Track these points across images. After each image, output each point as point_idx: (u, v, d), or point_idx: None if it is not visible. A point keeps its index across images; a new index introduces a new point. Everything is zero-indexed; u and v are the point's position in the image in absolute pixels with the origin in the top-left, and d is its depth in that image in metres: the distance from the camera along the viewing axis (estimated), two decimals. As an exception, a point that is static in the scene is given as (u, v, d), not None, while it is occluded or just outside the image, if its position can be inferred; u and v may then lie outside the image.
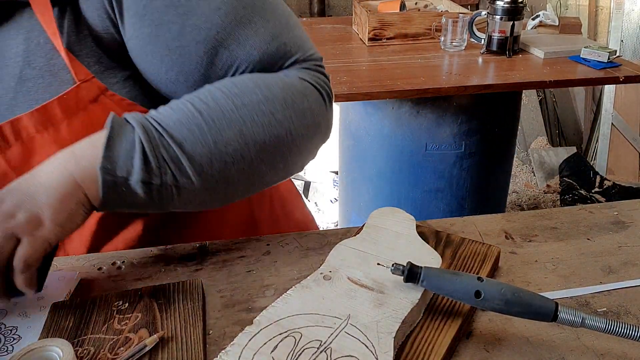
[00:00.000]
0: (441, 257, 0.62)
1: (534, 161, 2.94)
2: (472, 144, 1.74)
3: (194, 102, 0.56)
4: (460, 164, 1.77)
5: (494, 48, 1.76)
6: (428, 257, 0.61)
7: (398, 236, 0.65)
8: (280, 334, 0.51)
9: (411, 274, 0.55)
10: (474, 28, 1.83)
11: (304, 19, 2.57)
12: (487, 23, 1.76)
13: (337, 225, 2.49)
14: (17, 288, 0.54)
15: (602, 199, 2.57)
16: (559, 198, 2.71)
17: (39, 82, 0.58)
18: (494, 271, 0.65)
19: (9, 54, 0.58)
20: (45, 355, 0.50)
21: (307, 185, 2.81)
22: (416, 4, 2.06)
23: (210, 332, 0.57)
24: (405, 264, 0.55)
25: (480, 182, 1.83)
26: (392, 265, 0.55)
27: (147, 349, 0.52)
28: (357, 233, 0.67)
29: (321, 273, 0.60)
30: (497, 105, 1.75)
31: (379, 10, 1.96)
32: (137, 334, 0.55)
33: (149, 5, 0.56)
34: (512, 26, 1.70)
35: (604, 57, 1.64)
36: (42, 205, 0.51)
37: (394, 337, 0.51)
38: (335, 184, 2.74)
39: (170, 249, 0.71)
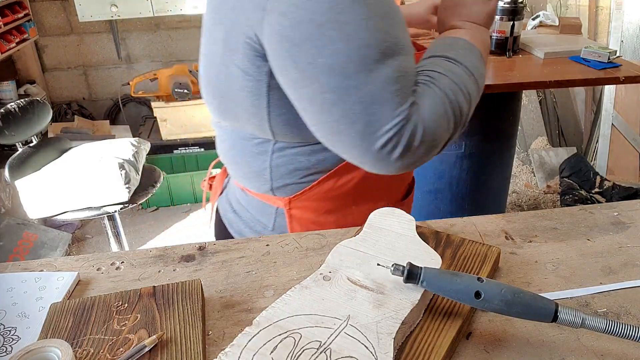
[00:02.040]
0: (441, 257, 0.62)
1: (534, 161, 2.94)
2: (472, 144, 1.74)
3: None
4: (460, 165, 1.77)
5: (494, 48, 1.76)
6: (428, 258, 0.61)
7: (398, 237, 0.65)
8: (279, 335, 0.51)
9: (411, 274, 0.54)
10: (474, 28, 1.82)
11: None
12: (487, 23, 1.75)
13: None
14: None
15: (602, 200, 2.57)
16: (559, 198, 2.71)
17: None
18: (494, 272, 0.65)
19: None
20: (44, 356, 0.50)
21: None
22: (416, 4, 2.05)
23: (210, 332, 0.57)
24: (405, 265, 0.55)
25: (480, 182, 1.83)
26: (392, 265, 0.55)
27: (147, 349, 0.52)
28: (357, 233, 0.67)
29: (321, 274, 0.59)
30: (497, 105, 1.75)
31: (379, 11, 1.96)
32: (136, 335, 0.54)
33: None
34: (512, 26, 1.70)
35: (604, 58, 1.64)
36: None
37: (394, 338, 0.51)
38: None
39: (170, 249, 0.71)
